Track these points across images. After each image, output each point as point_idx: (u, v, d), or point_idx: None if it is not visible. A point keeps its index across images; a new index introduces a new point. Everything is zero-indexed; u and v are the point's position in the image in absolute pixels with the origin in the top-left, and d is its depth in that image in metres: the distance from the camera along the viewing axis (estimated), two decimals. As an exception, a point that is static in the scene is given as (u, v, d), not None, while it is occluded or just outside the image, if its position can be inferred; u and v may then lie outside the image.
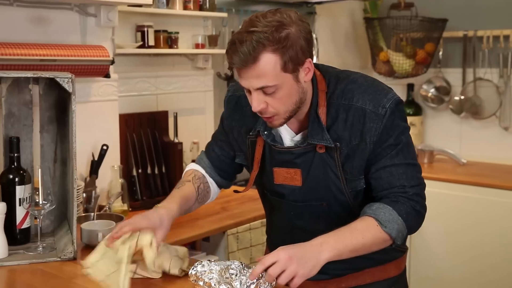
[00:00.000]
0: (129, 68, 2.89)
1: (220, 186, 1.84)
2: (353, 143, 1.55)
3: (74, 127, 1.72)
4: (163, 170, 2.92)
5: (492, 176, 3.48)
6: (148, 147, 2.89)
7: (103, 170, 2.60)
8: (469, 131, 3.95)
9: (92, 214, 2.23)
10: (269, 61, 1.43)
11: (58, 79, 1.68)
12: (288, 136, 1.62)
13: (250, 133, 1.67)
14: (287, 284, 1.40)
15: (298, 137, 1.61)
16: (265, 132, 1.61)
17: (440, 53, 3.94)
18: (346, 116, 1.55)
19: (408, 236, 1.64)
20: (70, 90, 1.70)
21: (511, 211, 3.25)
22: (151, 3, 2.65)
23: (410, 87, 4.04)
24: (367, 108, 1.53)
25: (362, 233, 1.47)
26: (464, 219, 3.40)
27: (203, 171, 1.81)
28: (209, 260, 1.51)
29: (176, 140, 2.97)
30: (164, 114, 3.00)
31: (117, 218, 2.21)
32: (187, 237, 2.40)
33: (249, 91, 1.50)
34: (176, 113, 2.98)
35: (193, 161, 2.12)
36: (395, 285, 1.75)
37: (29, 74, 1.70)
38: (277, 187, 1.66)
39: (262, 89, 1.46)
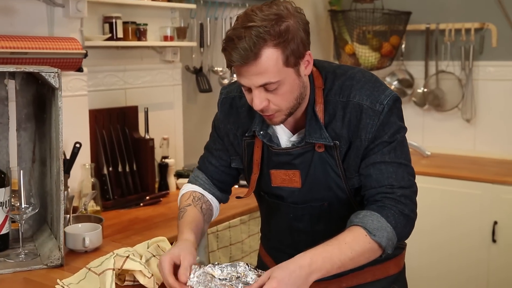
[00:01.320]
0: (96, 61, 2.75)
1: (220, 201, 1.74)
2: (351, 140, 1.50)
3: (61, 125, 1.60)
4: (134, 167, 2.81)
5: (457, 168, 3.54)
6: (119, 144, 2.77)
7: (74, 169, 2.46)
8: (432, 123, 4.00)
9: (68, 216, 2.11)
10: (271, 56, 1.36)
11: (43, 74, 1.55)
12: (285, 136, 1.56)
13: (246, 134, 1.59)
14: None
15: (295, 137, 1.55)
16: (261, 132, 1.54)
17: (403, 46, 3.97)
18: (344, 113, 1.49)
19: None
20: (57, 86, 1.58)
21: (475, 201, 3.31)
22: (122, -8, 2.53)
23: (374, 80, 4.05)
24: (364, 104, 1.48)
25: (351, 247, 1.40)
26: (431, 211, 3.44)
27: (201, 190, 1.69)
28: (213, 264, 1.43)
29: (147, 136, 2.86)
30: (134, 109, 2.88)
31: (96, 219, 2.10)
32: (167, 238, 2.31)
33: (249, 90, 1.43)
34: (147, 108, 2.87)
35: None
36: (395, 282, 1.72)
37: (10, 68, 1.57)
38: (275, 189, 1.60)
39: (264, 86, 1.40)
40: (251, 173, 1.62)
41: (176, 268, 1.38)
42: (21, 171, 1.64)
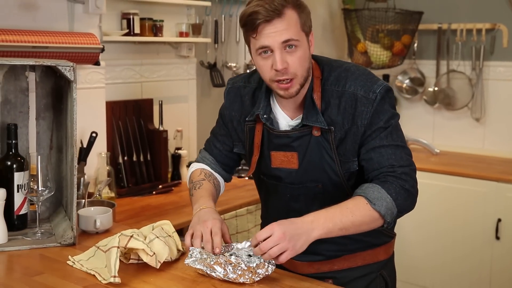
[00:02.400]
0: (114, 55, 2.89)
1: (225, 180, 1.91)
2: (346, 127, 1.62)
3: (75, 115, 1.74)
4: (148, 157, 2.95)
5: (464, 166, 3.61)
6: (134, 134, 2.91)
7: (90, 157, 2.61)
8: (442, 122, 4.07)
9: (83, 201, 2.25)
10: (293, 16, 1.54)
11: (60, 67, 1.69)
12: (284, 121, 1.70)
13: (247, 119, 1.73)
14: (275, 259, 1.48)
15: (293, 122, 1.68)
16: (265, 116, 1.68)
17: (415, 45, 4.04)
18: (339, 102, 1.63)
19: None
20: (72, 78, 1.71)
21: (482, 199, 3.38)
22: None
23: (386, 78, 4.14)
24: (359, 93, 1.61)
25: (352, 212, 1.54)
26: (437, 207, 3.52)
27: (209, 168, 1.86)
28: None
29: (161, 128, 2.99)
30: (149, 102, 3.02)
31: (109, 204, 2.24)
32: (174, 225, 2.41)
33: (268, 55, 1.55)
34: (162, 101, 3.00)
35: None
36: (384, 268, 1.82)
37: (30, 61, 1.71)
38: (274, 170, 1.73)
39: (287, 43, 1.53)
40: (252, 155, 1.75)
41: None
42: (39, 156, 1.77)
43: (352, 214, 1.53)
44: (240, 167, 3.23)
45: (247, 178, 3.13)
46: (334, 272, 1.76)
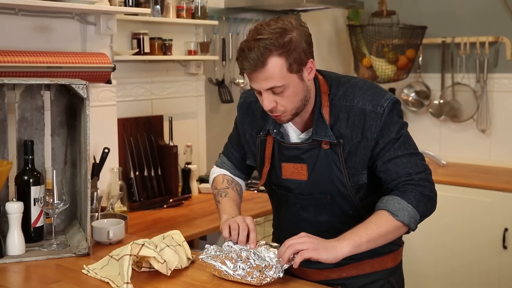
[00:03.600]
0: (125, 74, 2.99)
1: (244, 181, 2.03)
2: (355, 140, 1.69)
3: (88, 131, 1.83)
4: (159, 172, 3.03)
5: (471, 176, 3.66)
6: (145, 150, 3.00)
7: (103, 172, 2.69)
8: (448, 134, 4.12)
9: (96, 214, 2.33)
10: (276, 64, 1.58)
11: (73, 86, 1.78)
12: (294, 134, 1.78)
13: (260, 133, 1.82)
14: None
15: (303, 135, 1.76)
16: (274, 130, 1.77)
17: (420, 58, 4.12)
18: (348, 116, 1.70)
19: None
20: (85, 96, 1.80)
21: (489, 209, 3.42)
22: (149, 12, 2.76)
23: (392, 91, 4.20)
24: (367, 108, 1.68)
25: (376, 224, 1.62)
26: (444, 217, 3.56)
27: (230, 174, 1.99)
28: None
29: (171, 144, 3.08)
30: (159, 118, 3.11)
31: (121, 217, 2.31)
32: (185, 236, 2.48)
33: (260, 93, 1.64)
34: (171, 117, 3.09)
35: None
36: (392, 275, 1.88)
37: (46, 81, 1.81)
38: (285, 181, 1.80)
39: (272, 89, 1.61)
40: (263, 166, 1.83)
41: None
42: (54, 170, 1.86)
43: (377, 226, 1.61)
44: (249, 181, 3.31)
45: (255, 191, 3.21)
46: (343, 279, 1.82)
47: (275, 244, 1.68)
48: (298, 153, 1.75)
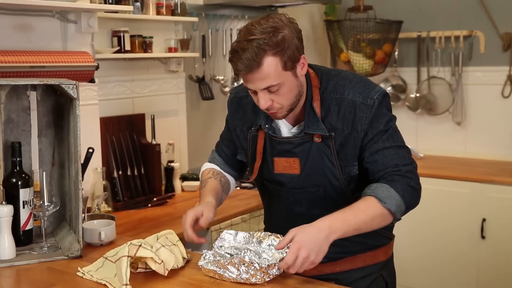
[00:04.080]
0: (106, 72, 2.95)
1: (235, 178, 2.02)
2: (346, 132, 1.71)
3: (79, 131, 1.80)
4: (142, 171, 3.01)
5: (448, 168, 3.72)
6: (127, 149, 2.97)
7: (86, 172, 2.65)
8: (425, 127, 4.18)
9: (83, 215, 2.30)
10: (271, 63, 1.58)
11: (63, 86, 1.75)
12: (286, 129, 1.78)
13: (252, 128, 1.82)
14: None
15: (295, 129, 1.77)
16: (266, 125, 1.77)
17: (396, 53, 4.16)
18: (339, 109, 1.71)
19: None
20: (75, 96, 1.78)
21: (467, 200, 3.49)
22: (132, 10, 2.73)
23: (369, 86, 4.24)
24: (357, 100, 1.70)
25: (364, 212, 1.62)
26: (423, 210, 3.55)
27: (218, 168, 1.98)
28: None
29: (154, 142, 3.06)
30: (141, 116, 3.09)
31: (109, 217, 2.29)
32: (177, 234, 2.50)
33: (255, 92, 1.64)
34: (154, 116, 3.07)
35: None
36: (384, 268, 1.90)
37: (35, 81, 1.78)
38: (277, 176, 1.81)
39: (268, 89, 1.61)
40: (254, 161, 1.84)
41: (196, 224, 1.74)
42: (44, 172, 1.83)
43: (365, 215, 1.62)
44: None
45: (247, 186, 3.21)
46: (336, 274, 1.83)
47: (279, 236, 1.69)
48: (290, 147, 1.76)
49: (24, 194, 1.91)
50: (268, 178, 1.85)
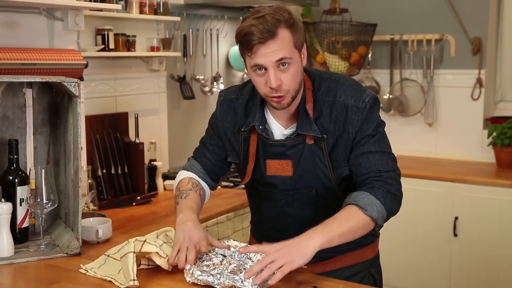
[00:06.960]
0: (89, 70, 2.91)
1: (211, 188, 1.98)
2: (337, 133, 1.75)
3: (79, 129, 1.81)
4: (126, 170, 3.01)
5: (421, 168, 3.82)
6: (111, 148, 2.97)
7: (72, 171, 2.65)
8: (397, 128, 4.29)
9: (75, 213, 2.29)
10: (286, 35, 1.62)
11: (65, 83, 1.76)
12: (278, 131, 1.80)
13: (243, 129, 1.82)
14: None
15: (287, 131, 1.80)
16: (260, 127, 1.78)
17: (370, 55, 4.26)
18: (331, 111, 1.75)
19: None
20: (77, 94, 1.79)
21: (440, 199, 3.60)
22: (120, 8, 2.73)
23: (343, 87, 4.32)
24: (349, 103, 1.74)
25: (346, 219, 1.64)
26: (398, 208, 3.71)
27: (196, 177, 1.92)
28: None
29: (137, 141, 3.06)
30: (124, 115, 3.08)
31: (100, 215, 2.29)
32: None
33: (264, 71, 1.65)
34: (137, 114, 3.07)
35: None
36: (371, 266, 1.96)
37: (37, 78, 1.77)
38: (269, 178, 1.83)
39: (280, 61, 1.62)
40: (247, 164, 1.84)
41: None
42: (42, 170, 1.83)
43: (347, 220, 1.63)
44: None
45: (223, 184, 3.24)
46: (326, 273, 1.85)
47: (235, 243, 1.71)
48: (283, 149, 1.78)
49: (22, 191, 1.90)
50: (260, 180, 1.85)
